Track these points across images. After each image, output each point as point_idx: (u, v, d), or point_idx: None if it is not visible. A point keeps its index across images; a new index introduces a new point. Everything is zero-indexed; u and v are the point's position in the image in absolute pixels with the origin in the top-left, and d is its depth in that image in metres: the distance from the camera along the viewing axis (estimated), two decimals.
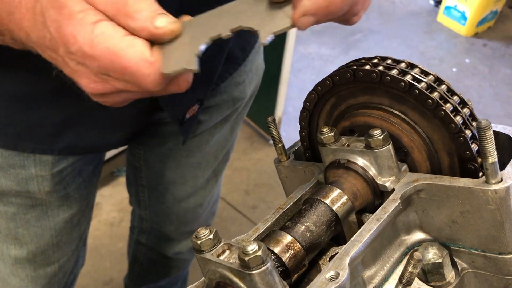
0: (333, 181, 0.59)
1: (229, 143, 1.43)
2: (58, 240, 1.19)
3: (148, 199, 1.54)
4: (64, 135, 1.00)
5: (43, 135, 0.99)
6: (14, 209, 1.09)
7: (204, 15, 0.55)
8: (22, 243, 1.15)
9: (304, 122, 0.68)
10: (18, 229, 1.12)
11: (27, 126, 0.97)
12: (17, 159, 1.01)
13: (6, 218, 1.10)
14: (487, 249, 0.55)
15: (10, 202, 1.07)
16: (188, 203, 1.50)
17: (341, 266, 0.49)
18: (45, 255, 1.20)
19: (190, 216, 1.54)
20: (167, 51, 0.53)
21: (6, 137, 0.98)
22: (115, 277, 2.29)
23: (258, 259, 0.45)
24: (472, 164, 0.56)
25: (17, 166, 1.02)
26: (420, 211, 0.58)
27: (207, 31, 0.54)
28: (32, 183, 1.05)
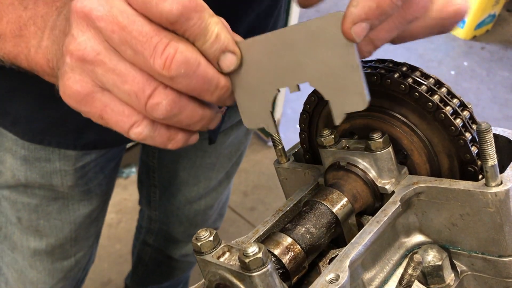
0: (333, 183, 0.60)
1: (242, 145, 1.43)
2: (76, 234, 1.21)
3: (159, 200, 1.54)
4: (88, 131, 1.02)
5: (67, 131, 1.02)
6: (37, 201, 1.12)
7: (262, 39, 0.54)
8: (42, 235, 1.17)
9: (304, 124, 0.68)
10: (40, 221, 1.15)
11: (52, 121, 0.99)
12: (43, 153, 1.04)
13: (28, 209, 1.13)
14: (487, 251, 0.55)
15: (33, 194, 1.10)
16: (200, 204, 1.51)
17: (341, 268, 0.49)
18: (63, 248, 1.22)
19: (200, 218, 1.54)
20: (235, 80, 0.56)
21: (33, 131, 1.01)
22: (113, 278, 2.29)
23: (259, 261, 0.45)
24: (472, 166, 0.56)
25: (42, 159, 1.05)
26: (420, 214, 0.58)
27: (273, 75, 0.55)
28: (56, 177, 1.07)
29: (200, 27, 0.51)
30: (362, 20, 0.47)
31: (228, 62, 0.54)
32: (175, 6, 0.49)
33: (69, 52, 0.53)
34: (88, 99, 0.55)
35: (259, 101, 0.56)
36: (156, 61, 0.50)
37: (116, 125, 0.56)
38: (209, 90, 0.54)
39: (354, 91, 0.50)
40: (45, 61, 0.62)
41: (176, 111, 0.54)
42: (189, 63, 0.51)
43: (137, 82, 0.52)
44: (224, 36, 0.53)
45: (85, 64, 0.53)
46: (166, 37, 0.51)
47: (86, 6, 0.52)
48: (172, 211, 1.54)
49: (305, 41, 0.51)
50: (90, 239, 1.30)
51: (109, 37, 0.52)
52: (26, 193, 1.10)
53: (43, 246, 1.19)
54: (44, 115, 0.99)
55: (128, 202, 2.64)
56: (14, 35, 0.64)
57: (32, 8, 0.63)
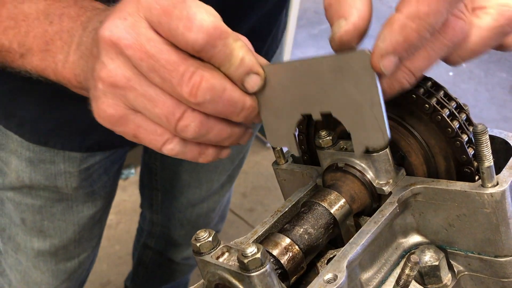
0: (331, 184, 0.60)
1: (245, 148, 1.43)
2: (80, 236, 1.22)
3: (161, 203, 1.55)
4: (92, 133, 1.03)
5: (72, 133, 1.03)
6: (41, 202, 1.13)
7: (287, 65, 0.56)
8: (46, 236, 1.18)
9: (302, 125, 0.68)
10: (44, 222, 1.15)
11: (58, 123, 1.00)
12: (48, 154, 1.05)
13: (32, 210, 1.13)
14: (483, 252, 0.56)
15: (38, 195, 1.11)
16: (202, 207, 1.51)
17: (339, 268, 0.50)
18: (67, 249, 1.23)
19: (202, 221, 1.55)
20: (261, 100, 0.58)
21: (38, 133, 1.02)
22: (112, 280, 2.29)
23: (257, 261, 0.45)
24: (469, 168, 0.56)
25: (47, 161, 1.05)
26: (417, 214, 0.58)
27: (297, 101, 0.56)
28: (60, 179, 1.08)
29: (225, 53, 0.53)
30: (390, 54, 0.48)
31: (252, 83, 0.56)
32: (201, 35, 0.51)
33: (100, 78, 0.55)
34: (122, 121, 0.57)
35: (283, 122, 0.59)
36: (183, 89, 0.52)
37: (150, 143, 0.59)
38: (235, 112, 0.56)
39: (375, 127, 0.52)
40: (73, 76, 0.64)
41: (204, 131, 0.57)
42: (214, 89, 0.53)
43: (167, 106, 0.55)
44: (248, 59, 0.55)
45: (117, 90, 0.55)
46: (192, 65, 0.53)
47: (114, 35, 0.53)
48: (174, 214, 1.54)
49: (330, 73, 0.53)
50: (94, 240, 1.30)
51: (138, 65, 0.53)
52: (31, 195, 1.11)
53: (47, 247, 1.20)
54: (49, 117, 1.00)
55: (127, 203, 2.64)
56: (41, 49, 0.65)
57: (58, 23, 0.65)
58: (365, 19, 0.49)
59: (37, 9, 0.66)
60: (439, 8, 0.46)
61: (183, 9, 0.51)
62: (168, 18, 0.51)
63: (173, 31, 0.52)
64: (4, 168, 1.09)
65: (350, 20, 0.49)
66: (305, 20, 4.16)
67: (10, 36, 0.67)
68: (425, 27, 0.47)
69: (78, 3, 0.66)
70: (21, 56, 0.67)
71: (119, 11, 0.54)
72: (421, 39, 0.47)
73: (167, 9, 0.51)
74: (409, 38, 0.47)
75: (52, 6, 0.66)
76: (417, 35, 0.47)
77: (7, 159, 1.07)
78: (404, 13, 0.47)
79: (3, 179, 1.11)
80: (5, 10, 0.67)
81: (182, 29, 0.51)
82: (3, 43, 0.68)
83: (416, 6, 0.46)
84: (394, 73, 0.50)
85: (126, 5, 0.54)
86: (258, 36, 1.06)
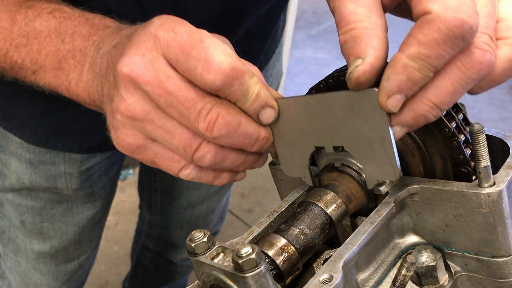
0: (327, 184, 0.60)
1: None
2: (80, 237, 1.22)
3: (160, 204, 1.55)
4: (93, 134, 1.03)
5: (72, 134, 1.03)
6: (41, 204, 1.13)
7: (300, 100, 0.57)
8: (46, 238, 1.18)
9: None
10: (44, 223, 1.16)
11: (57, 125, 1.01)
12: (48, 156, 1.05)
13: (32, 212, 1.14)
14: (480, 252, 0.56)
15: (38, 197, 1.11)
16: (201, 208, 1.51)
17: (335, 269, 0.49)
18: (67, 251, 1.23)
19: (202, 222, 1.55)
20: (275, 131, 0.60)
21: (38, 135, 1.02)
22: (110, 281, 2.29)
23: (252, 262, 0.45)
24: (465, 167, 0.56)
25: (47, 162, 1.05)
26: (414, 214, 0.58)
27: (309, 134, 0.58)
28: (61, 180, 1.08)
29: (241, 91, 0.55)
30: (396, 93, 0.49)
31: (267, 116, 0.58)
32: (218, 77, 0.53)
33: (119, 111, 0.57)
34: (140, 149, 0.60)
35: (297, 153, 0.61)
36: (200, 125, 0.55)
37: (167, 169, 0.61)
38: (249, 144, 0.59)
39: (386, 162, 0.53)
40: (87, 94, 0.65)
41: (219, 160, 0.59)
42: (230, 125, 0.56)
43: (184, 138, 0.57)
44: (263, 94, 0.57)
45: (135, 122, 0.57)
46: (210, 102, 0.55)
47: (134, 72, 0.55)
48: (173, 215, 1.54)
49: (342, 109, 0.54)
50: (93, 241, 1.30)
51: (156, 100, 0.55)
52: (30, 196, 1.10)
53: (47, 249, 1.20)
54: (50, 119, 1.00)
55: (126, 204, 2.64)
56: (53, 67, 0.67)
57: (70, 42, 0.66)
58: (382, 58, 0.49)
59: (48, 26, 0.67)
60: (440, 52, 0.46)
61: (201, 50, 0.53)
62: (186, 57, 0.53)
63: (191, 71, 0.53)
64: (4, 170, 1.09)
65: (367, 60, 0.49)
66: (303, 20, 4.17)
67: (22, 54, 0.68)
68: (427, 67, 0.47)
69: (89, 22, 0.67)
70: (34, 73, 0.68)
71: (137, 46, 0.56)
72: (424, 77, 0.48)
73: (185, 48, 0.53)
74: (412, 77, 0.48)
75: (63, 24, 0.67)
76: (420, 74, 0.47)
77: (7, 161, 1.07)
78: (405, 54, 0.47)
79: (2, 181, 1.11)
80: (16, 27, 0.69)
81: (201, 70, 0.53)
82: (15, 60, 0.69)
83: (417, 48, 0.46)
84: (419, 107, 0.50)
85: (144, 40, 0.56)
86: (258, 36, 1.06)
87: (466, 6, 0.45)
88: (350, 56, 0.50)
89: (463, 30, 0.45)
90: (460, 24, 0.44)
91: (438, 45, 0.45)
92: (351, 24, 0.50)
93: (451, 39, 0.45)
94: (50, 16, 0.68)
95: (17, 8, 0.70)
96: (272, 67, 1.22)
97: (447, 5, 0.45)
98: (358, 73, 0.49)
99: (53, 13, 0.68)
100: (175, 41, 0.54)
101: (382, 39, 0.50)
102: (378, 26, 0.50)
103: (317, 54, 3.74)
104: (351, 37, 0.50)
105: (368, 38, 0.49)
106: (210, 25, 0.65)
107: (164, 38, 0.54)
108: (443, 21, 0.45)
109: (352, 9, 0.50)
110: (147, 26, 0.56)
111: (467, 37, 0.45)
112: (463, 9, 0.45)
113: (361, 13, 0.50)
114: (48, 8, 0.69)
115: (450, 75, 0.48)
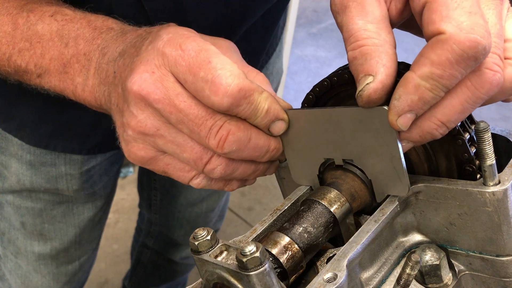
0: (331, 182, 0.59)
1: None
2: (81, 238, 1.22)
3: (160, 203, 1.54)
4: (93, 135, 1.03)
5: (73, 135, 1.02)
6: (42, 205, 1.12)
7: (310, 112, 0.58)
8: (47, 239, 1.17)
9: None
10: (44, 225, 1.15)
11: (58, 126, 1.00)
12: (49, 157, 1.04)
13: (33, 214, 1.13)
14: (485, 251, 0.55)
15: (38, 198, 1.11)
16: (201, 207, 1.51)
17: (339, 267, 0.49)
18: (68, 252, 1.23)
19: (201, 221, 1.55)
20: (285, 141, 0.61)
21: (39, 136, 1.02)
22: (110, 279, 2.29)
23: (256, 260, 0.45)
24: (470, 166, 0.56)
25: (48, 164, 1.05)
26: (418, 213, 0.58)
27: (319, 145, 0.59)
28: (62, 181, 1.08)
29: (250, 109, 0.56)
30: (406, 112, 0.49)
31: (278, 129, 0.59)
32: (226, 100, 0.53)
33: (131, 127, 0.58)
34: (152, 161, 0.61)
35: (307, 163, 0.61)
36: (211, 141, 0.56)
37: (178, 178, 0.63)
38: (260, 156, 0.60)
39: (396, 178, 0.54)
40: (93, 99, 0.66)
41: (230, 172, 0.60)
42: (240, 140, 0.56)
43: (195, 152, 0.58)
44: (273, 109, 0.57)
45: (146, 137, 0.58)
46: (220, 119, 0.56)
47: (144, 90, 0.55)
48: (173, 214, 1.54)
49: (351, 124, 0.54)
50: (94, 242, 1.30)
51: (167, 116, 0.56)
52: (31, 198, 1.10)
53: (48, 250, 1.19)
54: (50, 120, 1.00)
55: (126, 202, 2.64)
56: (58, 71, 0.67)
57: (73, 46, 0.66)
58: (392, 76, 0.49)
59: (50, 30, 0.67)
60: (453, 73, 0.46)
61: (208, 72, 0.53)
62: (194, 78, 0.54)
63: (199, 92, 0.54)
64: (4, 171, 1.08)
65: (378, 78, 0.49)
66: (304, 19, 4.16)
67: (26, 58, 0.68)
68: (439, 87, 0.47)
69: (91, 24, 0.67)
70: (39, 76, 0.68)
71: (146, 63, 0.56)
72: (436, 97, 0.48)
73: (192, 68, 0.54)
74: (424, 97, 0.48)
75: (65, 27, 0.67)
76: (432, 94, 0.47)
77: (7, 163, 1.06)
78: (418, 73, 0.47)
79: (2, 183, 1.10)
80: (19, 32, 0.69)
81: (208, 92, 0.53)
82: (19, 65, 0.69)
83: (430, 68, 0.46)
84: (426, 125, 0.50)
85: (152, 56, 0.56)
86: (260, 36, 1.06)
87: (480, 26, 0.45)
88: (360, 73, 0.50)
89: (476, 51, 0.44)
90: (474, 45, 0.44)
91: (451, 65, 0.45)
92: (360, 41, 0.50)
93: (464, 60, 0.45)
94: (52, 19, 0.68)
95: (18, 11, 0.69)
96: (272, 65, 1.22)
97: (461, 26, 0.45)
98: (369, 91, 0.49)
99: (55, 16, 0.68)
100: (183, 59, 0.54)
101: (392, 56, 0.49)
102: (387, 43, 0.50)
103: (318, 52, 3.73)
104: (361, 54, 0.50)
105: (378, 55, 0.49)
106: (211, 29, 0.65)
107: (172, 56, 0.55)
108: (457, 42, 0.44)
109: (361, 25, 0.50)
110: (155, 41, 0.57)
111: (480, 57, 0.45)
112: (477, 30, 0.44)
113: (370, 30, 0.50)
114: (49, 11, 0.69)
115: (460, 95, 0.48)
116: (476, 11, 0.45)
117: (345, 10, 0.51)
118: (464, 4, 0.45)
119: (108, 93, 0.62)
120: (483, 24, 0.45)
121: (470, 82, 0.48)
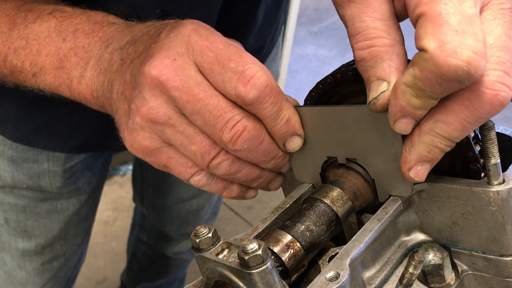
0: (333, 180, 0.59)
1: None
2: (66, 233, 1.21)
3: (152, 197, 1.55)
4: (77, 134, 1.01)
5: (56, 133, 1.01)
6: (25, 202, 1.11)
7: (317, 110, 0.57)
8: (31, 236, 1.16)
9: None
10: (28, 221, 1.14)
11: (41, 123, 0.99)
12: (31, 153, 1.03)
13: (16, 210, 1.12)
14: (488, 250, 0.55)
15: (21, 195, 1.09)
16: (191, 204, 1.51)
17: (342, 266, 0.49)
18: (53, 248, 1.22)
19: (192, 218, 1.55)
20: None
21: (21, 132, 1.00)
22: (109, 276, 2.29)
23: (258, 258, 0.44)
24: (474, 164, 0.55)
25: (30, 160, 1.03)
26: (421, 212, 0.57)
27: (324, 143, 0.58)
28: (44, 178, 1.06)
29: (272, 111, 0.55)
30: (400, 117, 0.47)
31: (293, 144, 0.58)
32: (253, 92, 0.53)
33: (140, 113, 0.56)
34: (155, 152, 0.59)
35: (310, 161, 0.61)
36: (224, 135, 0.55)
37: (179, 174, 0.61)
38: (265, 161, 0.59)
39: (400, 179, 0.53)
40: (89, 92, 0.64)
41: (234, 170, 0.59)
42: (253, 140, 0.55)
43: (204, 145, 0.57)
44: (294, 121, 0.57)
45: (155, 125, 0.56)
46: (238, 114, 0.55)
47: (163, 75, 0.54)
48: (164, 209, 1.54)
49: (356, 124, 0.54)
50: (80, 237, 1.28)
51: (182, 106, 0.55)
52: (13, 194, 1.08)
53: (32, 247, 1.18)
54: (34, 117, 0.98)
55: (125, 199, 2.63)
56: (54, 67, 0.65)
57: (72, 40, 0.65)
58: None
59: (48, 27, 0.66)
60: (435, 90, 0.43)
61: (239, 64, 0.52)
62: (223, 69, 0.53)
63: (226, 83, 0.53)
64: None
65: (392, 86, 0.47)
66: (305, 17, 4.15)
67: (21, 57, 0.67)
68: (425, 96, 0.45)
69: (91, 19, 0.66)
70: (34, 75, 0.67)
71: (167, 49, 0.55)
72: (425, 103, 0.45)
73: (221, 60, 0.53)
74: (412, 103, 0.45)
75: (63, 23, 0.66)
76: (419, 100, 0.45)
77: None
78: (403, 80, 0.45)
79: None
80: (15, 31, 0.68)
81: (236, 83, 0.52)
82: (15, 64, 0.68)
83: (413, 79, 0.44)
84: (432, 141, 0.48)
85: (175, 44, 0.55)
86: (262, 30, 1.05)
87: (466, 47, 0.40)
88: (371, 77, 0.48)
89: (457, 75, 0.41)
90: (453, 70, 0.40)
91: (431, 84, 0.43)
92: (369, 41, 0.47)
93: (445, 81, 0.42)
94: (51, 17, 0.67)
95: (16, 12, 0.69)
96: (268, 68, 1.21)
97: (443, 46, 0.41)
98: (384, 100, 0.47)
99: (53, 14, 0.67)
100: (211, 50, 0.53)
101: (403, 57, 0.47)
102: (398, 43, 0.47)
103: (319, 51, 3.73)
104: (370, 56, 0.47)
105: (390, 58, 0.47)
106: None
107: (198, 45, 0.54)
108: (436, 65, 0.41)
109: (370, 23, 0.47)
110: (178, 28, 0.55)
111: (464, 81, 0.41)
112: (461, 52, 0.40)
113: (379, 28, 0.47)
114: (48, 9, 0.68)
115: (458, 113, 0.45)
116: (464, 29, 0.41)
117: (350, 3, 0.48)
118: (452, 20, 0.41)
119: (109, 83, 0.61)
120: (472, 45, 0.40)
121: (468, 102, 0.44)
